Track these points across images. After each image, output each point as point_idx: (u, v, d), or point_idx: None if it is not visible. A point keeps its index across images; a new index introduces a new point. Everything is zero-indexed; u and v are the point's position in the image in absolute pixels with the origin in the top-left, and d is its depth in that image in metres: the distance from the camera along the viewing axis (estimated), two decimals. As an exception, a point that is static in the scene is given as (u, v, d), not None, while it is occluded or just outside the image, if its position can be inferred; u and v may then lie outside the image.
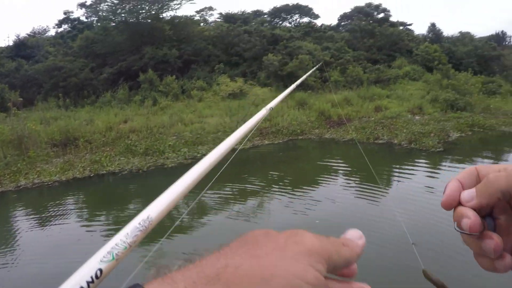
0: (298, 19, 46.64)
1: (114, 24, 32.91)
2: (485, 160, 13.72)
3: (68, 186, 11.74)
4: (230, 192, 10.47)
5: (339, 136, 18.33)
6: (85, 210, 9.90)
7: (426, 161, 13.65)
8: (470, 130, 19.05)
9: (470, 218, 0.55)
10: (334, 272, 0.45)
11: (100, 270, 0.53)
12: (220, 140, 5.82)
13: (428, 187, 9.97)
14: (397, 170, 12.78)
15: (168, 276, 0.38)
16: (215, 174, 1.59)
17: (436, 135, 16.97)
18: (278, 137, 18.09)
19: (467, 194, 0.57)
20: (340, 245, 0.45)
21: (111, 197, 10.86)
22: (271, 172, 12.59)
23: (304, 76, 5.95)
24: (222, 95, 19.91)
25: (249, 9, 59.94)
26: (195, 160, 13.27)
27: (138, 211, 0.70)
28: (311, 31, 38.99)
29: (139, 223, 0.67)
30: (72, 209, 9.70)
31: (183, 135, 18.36)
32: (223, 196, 10.06)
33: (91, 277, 0.51)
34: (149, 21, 32.49)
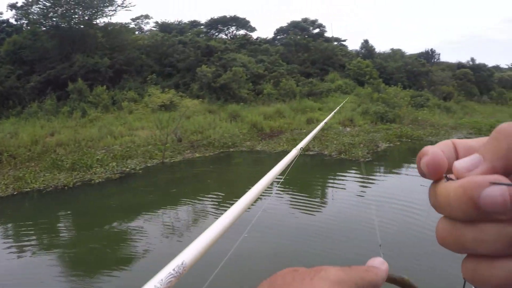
0: (234, 31, 47.12)
1: (44, 28, 31.39)
2: (412, 166, 14.58)
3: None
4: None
5: (270, 148, 18.62)
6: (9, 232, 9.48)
7: (356, 170, 14.31)
8: (399, 141, 20.21)
9: (503, 188, 0.33)
10: None
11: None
12: (151, 153, 6.03)
13: (358, 195, 10.60)
14: (327, 179, 13.41)
15: None
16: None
17: (365, 146, 17.84)
18: (209, 149, 18.03)
19: (468, 161, 0.38)
20: (363, 271, 0.45)
21: (34, 218, 10.44)
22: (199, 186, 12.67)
23: (333, 113, 5.96)
24: (151, 107, 19.67)
25: (186, 19, 59.73)
26: (124, 174, 13.22)
27: (61, 231, 0.80)
28: (247, 44, 39.49)
29: (173, 269, 0.67)
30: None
31: (112, 148, 18.01)
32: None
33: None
34: (81, 27, 31.27)
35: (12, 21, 35.63)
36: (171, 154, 16.71)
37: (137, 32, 43.01)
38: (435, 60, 54.98)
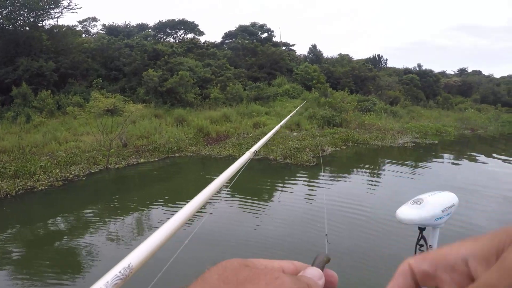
0: (182, 35, 47.34)
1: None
2: (357, 170, 15.82)
3: None
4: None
5: (215, 152, 19.06)
6: None
7: (300, 175, 15.01)
8: (345, 145, 21.24)
9: None
10: None
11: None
12: (95, 159, 6.81)
13: (305, 198, 11.50)
14: (273, 183, 14.28)
15: None
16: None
17: (311, 150, 18.49)
18: (154, 155, 18.32)
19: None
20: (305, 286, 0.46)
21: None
22: (148, 191, 13.12)
23: (291, 114, 6.27)
24: (94, 111, 19.83)
25: (134, 22, 59.34)
26: (67, 181, 13.56)
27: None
28: (194, 48, 39.92)
29: (120, 271, 0.67)
30: None
31: (57, 154, 18.11)
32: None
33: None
34: (26, 29, 30.91)
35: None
36: (116, 159, 16.99)
37: (84, 35, 42.64)
38: (382, 65, 56.98)
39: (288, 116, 6.92)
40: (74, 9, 32.61)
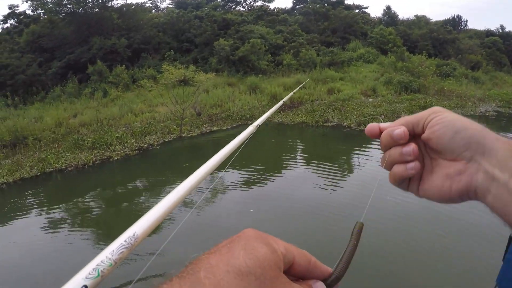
0: (252, 3, 46.39)
1: (61, 16, 31.84)
2: None
3: (16, 187, 11.48)
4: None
5: (288, 120, 18.23)
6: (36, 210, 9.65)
7: (375, 143, 13.88)
8: None
9: (401, 128, 0.70)
10: None
11: (85, 286, 0.57)
12: (169, 128, 6.02)
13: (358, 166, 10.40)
14: (345, 150, 13.22)
15: None
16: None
17: (386, 117, 16.93)
18: (227, 122, 17.95)
19: (387, 124, 0.74)
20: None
21: (57, 196, 10.64)
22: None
23: (291, 93, 5.97)
24: (165, 83, 19.66)
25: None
26: (142, 150, 13.34)
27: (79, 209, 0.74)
28: (264, 15, 38.94)
29: (125, 240, 0.68)
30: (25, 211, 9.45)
31: (133, 125, 18.20)
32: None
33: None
34: (96, 10, 31.64)
35: (29, 12, 36.21)
36: (189, 128, 16.73)
37: (153, 11, 43.04)
38: (462, 27, 52.88)
39: (295, 90, 6.28)
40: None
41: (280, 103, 3.70)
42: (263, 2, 45.76)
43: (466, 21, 54.41)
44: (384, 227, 6.52)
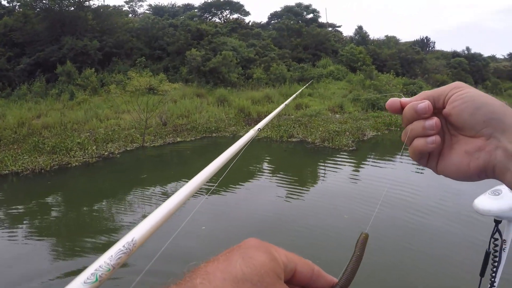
0: (228, 15, 46.76)
1: (36, 11, 31.26)
2: (395, 158, 14.68)
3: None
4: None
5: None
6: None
7: (336, 159, 14.11)
8: (387, 129, 20.02)
9: (425, 101, 0.71)
10: None
11: (84, 291, 0.70)
12: (132, 137, 6.31)
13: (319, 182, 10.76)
14: (303, 166, 13.49)
15: None
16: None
17: (351, 134, 17.54)
18: (191, 134, 18.05)
19: (408, 99, 0.77)
20: None
21: (10, 199, 10.59)
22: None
23: (295, 94, 6.04)
24: (129, 89, 19.57)
25: (180, 2, 59.16)
26: (102, 158, 13.39)
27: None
28: (238, 28, 39.29)
29: (124, 246, 0.68)
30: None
31: (97, 131, 18.16)
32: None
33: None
34: (71, 9, 31.32)
35: (4, 3, 35.51)
36: (153, 138, 16.80)
37: (130, 15, 42.89)
38: (430, 48, 54.71)
39: (294, 95, 6.36)
40: (118, -12, 32.68)
41: (282, 106, 3.65)
42: (239, 15, 46.23)
43: (434, 42, 56.28)
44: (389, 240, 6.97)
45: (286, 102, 4.35)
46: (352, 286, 0.56)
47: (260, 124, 2.13)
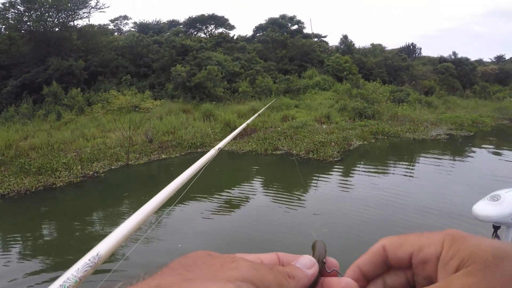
0: (213, 30, 47.25)
1: (21, 32, 31.60)
2: (379, 168, 14.80)
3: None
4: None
5: (238, 148, 18.48)
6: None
7: (318, 171, 14.22)
8: (374, 138, 20.21)
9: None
10: None
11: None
12: (117, 155, 6.65)
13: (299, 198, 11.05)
14: (286, 179, 13.63)
15: None
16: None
17: (336, 144, 17.62)
18: (176, 150, 18.23)
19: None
20: (284, 276, 0.45)
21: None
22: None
23: (261, 111, 6.17)
24: (110, 108, 19.70)
25: (165, 18, 59.57)
26: (86, 178, 13.60)
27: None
28: (223, 42, 39.69)
29: (89, 259, 0.72)
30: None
31: (83, 151, 18.32)
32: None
33: (45, 309, 0.65)
34: (56, 29, 31.64)
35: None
36: (137, 156, 16.96)
37: (116, 33, 43.28)
38: (417, 54, 55.38)
39: (258, 113, 6.62)
40: (102, 8, 33.30)
41: (243, 125, 3.65)
42: (224, 30, 46.73)
43: (420, 48, 56.88)
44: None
45: (248, 121, 4.51)
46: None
47: (221, 144, 2.28)
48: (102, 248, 0.77)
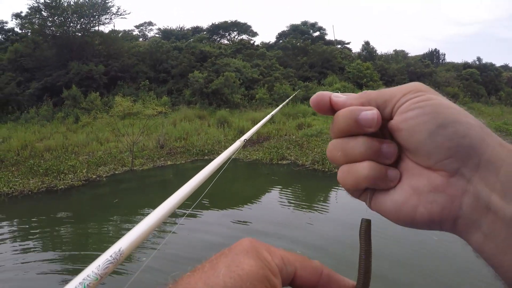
0: (236, 36, 47.53)
1: (47, 37, 32.64)
2: None
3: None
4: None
5: (243, 156, 17.91)
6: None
7: (316, 184, 13.90)
8: None
9: (374, 110, 0.49)
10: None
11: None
12: (124, 160, 7.37)
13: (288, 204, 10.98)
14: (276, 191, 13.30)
15: None
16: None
17: None
18: (183, 157, 18.16)
19: (342, 96, 0.54)
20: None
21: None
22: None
23: (284, 103, 6.13)
24: (117, 114, 20.04)
25: (188, 25, 60.14)
26: (88, 181, 13.79)
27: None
28: (243, 48, 39.82)
29: (111, 256, 0.69)
30: None
31: (95, 154, 18.59)
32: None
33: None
34: (79, 34, 32.53)
35: (17, 30, 37.01)
36: (143, 161, 17.07)
37: (140, 39, 44.02)
38: (441, 60, 54.55)
39: (281, 105, 6.53)
40: (123, 15, 33.92)
41: (268, 117, 3.52)
42: (247, 36, 46.93)
43: (444, 54, 55.99)
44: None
45: (272, 113, 4.34)
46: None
47: (246, 135, 2.05)
48: (125, 243, 0.75)
